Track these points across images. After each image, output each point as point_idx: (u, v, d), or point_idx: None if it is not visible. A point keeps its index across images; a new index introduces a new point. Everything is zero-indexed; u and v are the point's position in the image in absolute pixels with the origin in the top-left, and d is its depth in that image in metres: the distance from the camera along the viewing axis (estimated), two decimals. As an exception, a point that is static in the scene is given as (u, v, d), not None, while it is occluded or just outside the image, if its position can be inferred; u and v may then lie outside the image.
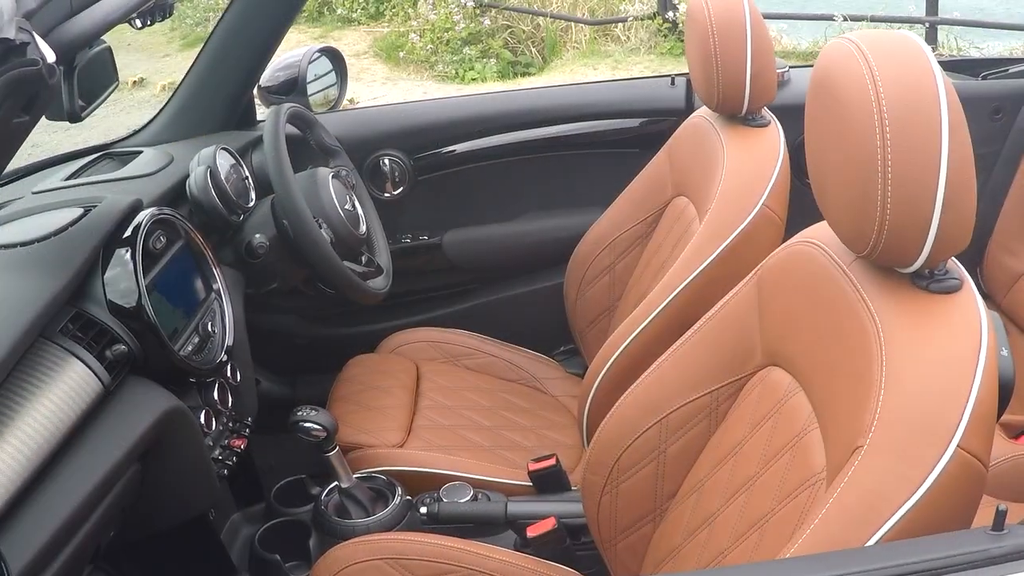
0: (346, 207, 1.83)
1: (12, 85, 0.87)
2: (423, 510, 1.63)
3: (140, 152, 1.90)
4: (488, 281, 2.30)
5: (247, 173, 1.85)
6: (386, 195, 2.22)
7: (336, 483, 1.66)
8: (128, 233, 1.49)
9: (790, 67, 2.18)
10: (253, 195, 1.83)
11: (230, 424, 1.65)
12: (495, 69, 6.32)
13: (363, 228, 1.88)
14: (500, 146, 2.22)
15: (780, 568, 0.83)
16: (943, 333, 1.00)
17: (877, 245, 1.01)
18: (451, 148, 2.22)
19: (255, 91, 2.09)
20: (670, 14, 6.11)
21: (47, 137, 5.02)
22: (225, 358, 1.61)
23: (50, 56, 0.91)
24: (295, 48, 2.17)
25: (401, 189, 2.22)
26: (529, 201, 2.28)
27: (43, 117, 1.04)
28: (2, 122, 0.90)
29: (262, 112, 2.18)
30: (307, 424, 1.58)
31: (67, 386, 1.31)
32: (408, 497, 1.65)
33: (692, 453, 1.34)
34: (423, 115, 2.28)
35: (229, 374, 1.66)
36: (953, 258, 1.06)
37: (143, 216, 1.52)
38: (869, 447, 0.96)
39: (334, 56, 2.30)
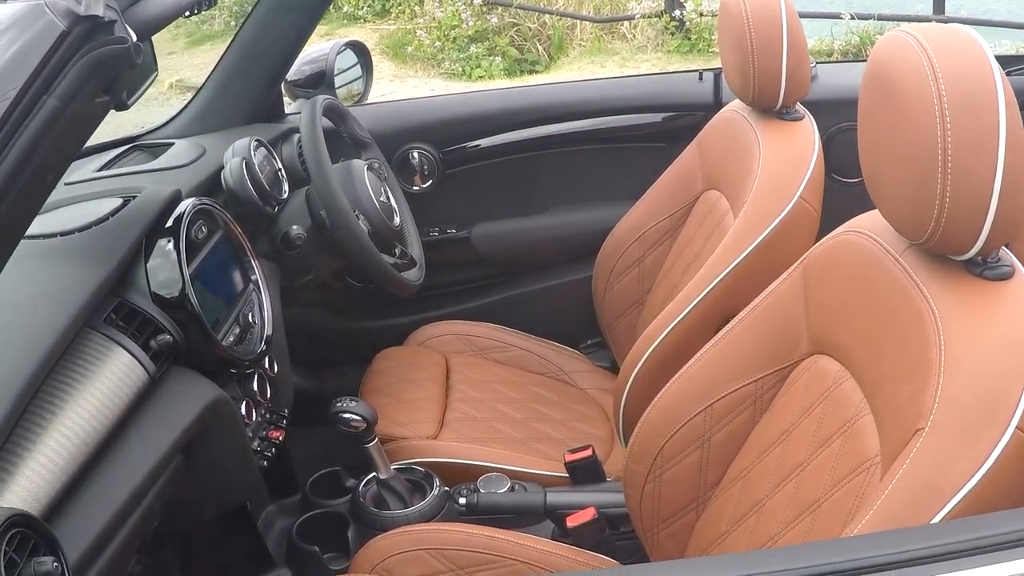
0: (381, 199, 1.84)
1: (99, 63, 0.86)
2: (461, 501, 1.64)
3: (172, 144, 1.90)
4: (515, 274, 2.31)
5: (279, 165, 1.85)
6: (415, 188, 2.22)
7: (374, 474, 1.66)
8: (170, 223, 1.49)
9: (817, 63, 2.19)
10: (286, 187, 1.84)
11: (268, 415, 1.65)
12: (502, 67, 6.33)
13: (397, 220, 1.89)
14: (528, 140, 2.23)
15: (856, 545, 0.84)
16: (1000, 318, 1.02)
17: (935, 233, 1.02)
18: (479, 142, 2.23)
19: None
20: (677, 12, 6.12)
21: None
22: (264, 348, 1.62)
23: (134, 35, 0.90)
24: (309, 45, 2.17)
25: (430, 182, 2.23)
26: (556, 195, 2.28)
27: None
28: (86, 101, 0.88)
29: (289, 105, 2.19)
30: (347, 415, 1.58)
31: (113, 375, 1.31)
32: (446, 488, 1.66)
33: (737, 441, 1.35)
34: (452, 109, 2.28)
35: (267, 365, 1.66)
36: (1004, 247, 1.07)
37: (185, 206, 1.52)
38: (931, 429, 0.97)
39: (359, 50, 2.30)
